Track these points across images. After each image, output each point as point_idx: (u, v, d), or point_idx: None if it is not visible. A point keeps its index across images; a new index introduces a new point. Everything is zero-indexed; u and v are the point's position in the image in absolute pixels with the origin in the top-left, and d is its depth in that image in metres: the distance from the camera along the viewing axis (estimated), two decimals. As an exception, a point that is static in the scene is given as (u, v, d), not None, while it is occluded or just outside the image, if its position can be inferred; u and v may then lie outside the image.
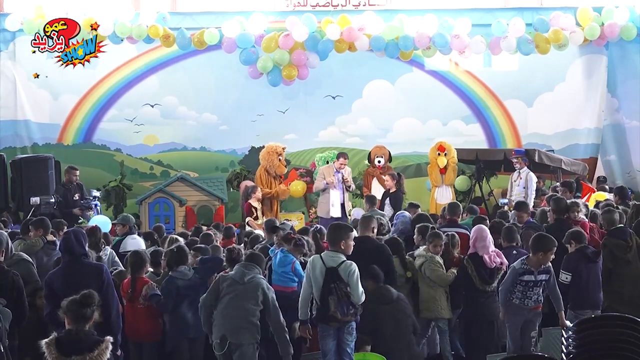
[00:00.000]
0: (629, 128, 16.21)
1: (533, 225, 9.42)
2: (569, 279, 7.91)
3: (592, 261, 8.12)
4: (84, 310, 5.24)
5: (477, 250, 7.95)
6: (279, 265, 7.67)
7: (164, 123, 16.51)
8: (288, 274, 7.65)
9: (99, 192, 14.67)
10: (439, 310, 8.09)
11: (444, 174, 14.24)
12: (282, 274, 7.60)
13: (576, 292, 7.89)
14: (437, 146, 14.39)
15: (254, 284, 6.83)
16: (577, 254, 8.09)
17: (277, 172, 14.18)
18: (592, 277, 8.10)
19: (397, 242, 8.32)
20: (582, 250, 8.12)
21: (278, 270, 7.63)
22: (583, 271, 8.03)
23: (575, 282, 7.93)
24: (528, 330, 7.38)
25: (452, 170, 14.32)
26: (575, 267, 7.98)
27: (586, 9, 15.18)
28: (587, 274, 8.06)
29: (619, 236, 8.43)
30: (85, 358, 4.99)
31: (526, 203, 10.29)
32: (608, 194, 12.54)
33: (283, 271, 7.66)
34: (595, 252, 8.20)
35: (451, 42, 14.74)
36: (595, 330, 6.25)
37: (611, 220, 8.65)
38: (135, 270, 7.55)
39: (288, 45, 14.74)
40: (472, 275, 7.89)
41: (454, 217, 9.76)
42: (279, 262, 7.66)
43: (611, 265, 8.33)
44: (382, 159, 14.48)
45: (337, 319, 6.57)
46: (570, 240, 8.07)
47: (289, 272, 7.65)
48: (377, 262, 7.59)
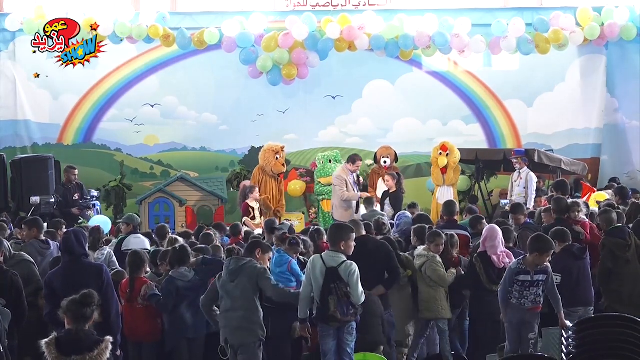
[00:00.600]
0: (629, 128, 16.20)
1: (530, 226, 9.41)
2: (559, 280, 7.89)
3: (579, 258, 8.12)
4: (83, 310, 5.24)
5: (487, 250, 7.96)
6: (276, 265, 7.67)
7: (164, 123, 16.51)
8: (285, 273, 7.65)
9: (98, 192, 14.68)
10: (440, 311, 8.08)
11: (445, 174, 14.21)
12: (279, 274, 7.60)
13: (567, 290, 7.87)
14: (440, 145, 14.31)
15: (248, 271, 6.78)
16: (564, 253, 8.09)
17: (274, 171, 14.16)
18: (581, 274, 8.10)
19: (391, 242, 8.31)
20: (568, 248, 8.13)
21: (275, 270, 7.63)
22: (573, 269, 8.02)
23: (566, 281, 7.90)
24: (526, 332, 7.35)
25: (453, 171, 14.23)
26: (563, 267, 7.96)
27: (586, 9, 15.18)
28: (577, 272, 8.06)
29: (617, 235, 8.42)
30: (85, 358, 4.99)
31: (522, 205, 10.25)
32: (608, 194, 12.51)
33: (280, 271, 7.66)
34: (581, 248, 8.20)
35: (451, 41, 14.75)
36: (595, 330, 6.25)
37: (609, 220, 8.65)
38: (133, 270, 7.55)
39: (288, 44, 14.74)
40: (480, 273, 7.92)
41: (451, 217, 9.76)
42: (275, 262, 7.67)
43: (611, 265, 8.33)
44: (387, 160, 14.49)
45: (337, 319, 6.57)
46: (555, 239, 8.05)
47: (285, 272, 7.65)
48: (379, 261, 7.58)
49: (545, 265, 7.38)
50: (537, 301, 7.41)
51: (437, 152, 14.31)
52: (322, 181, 14.42)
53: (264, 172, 14.20)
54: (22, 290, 7.15)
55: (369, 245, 7.62)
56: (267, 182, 14.13)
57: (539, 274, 7.38)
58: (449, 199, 10.88)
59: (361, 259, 7.28)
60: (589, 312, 8.01)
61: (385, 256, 7.70)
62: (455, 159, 14.24)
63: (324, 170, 14.50)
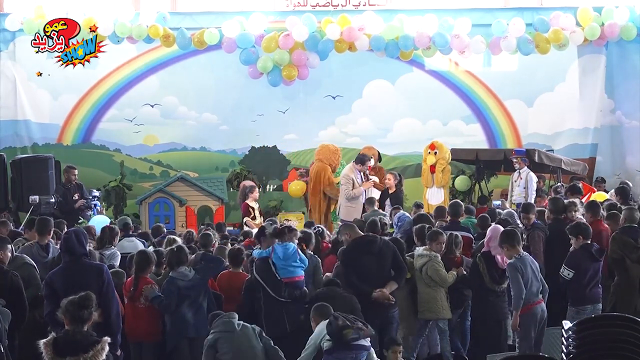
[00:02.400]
0: (629, 128, 16.19)
1: (539, 226, 9.35)
2: (571, 276, 7.89)
3: (596, 260, 8.10)
4: (81, 312, 5.26)
5: (491, 250, 7.95)
6: (284, 258, 7.61)
7: (164, 123, 16.51)
8: (295, 262, 7.65)
9: (99, 192, 14.67)
10: (440, 311, 8.07)
11: (434, 174, 13.99)
12: (288, 264, 7.58)
13: (577, 288, 7.88)
14: (429, 144, 14.21)
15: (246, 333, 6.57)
16: (582, 251, 8.06)
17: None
18: (594, 274, 8.10)
19: (398, 242, 8.30)
20: (587, 247, 8.09)
21: (282, 263, 7.59)
22: (588, 269, 8.01)
23: (578, 279, 7.91)
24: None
25: (441, 171, 13.94)
26: (579, 265, 7.95)
27: (586, 9, 15.18)
28: (592, 272, 8.05)
29: (630, 235, 8.38)
30: (80, 359, 5.00)
31: (532, 205, 10.20)
32: (609, 195, 12.50)
33: (289, 262, 7.63)
34: (599, 250, 8.17)
35: (451, 42, 14.75)
36: (595, 330, 6.24)
37: (631, 218, 8.67)
38: (139, 269, 7.52)
39: (288, 45, 14.74)
40: (483, 273, 7.90)
41: (456, 217, 9.74)
42: (283, 256, 7.60)
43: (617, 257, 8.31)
44: (371, 159, 14.43)
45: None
46: (578, 235, 8.03)
47: (296, 261, 7.64)
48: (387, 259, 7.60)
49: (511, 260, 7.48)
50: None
51: (426, 151, 14.22)
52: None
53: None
54: (23, 291, 7.14)
55: (377, 244, 7.65)
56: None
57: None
58: (455, 200, 10.82)
59: (370, 257, 7.34)
60: (597, 310, 7.99)
61: (392, 254, 7.72)
62: (443, 159, 13.96)
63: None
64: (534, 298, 7.50)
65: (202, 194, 14.47)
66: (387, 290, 7.50)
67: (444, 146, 14.20)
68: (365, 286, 7.49)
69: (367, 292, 7.46)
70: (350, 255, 7.71)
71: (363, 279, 7.53)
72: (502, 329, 8.03)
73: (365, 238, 7.74)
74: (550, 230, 9.09)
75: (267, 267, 7.54)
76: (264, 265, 7.56)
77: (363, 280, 7.53)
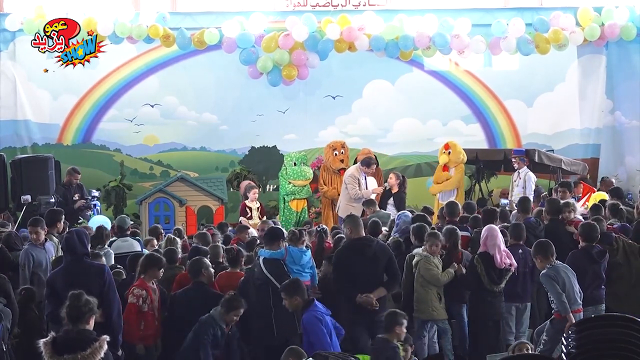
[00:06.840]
0: (629, 128, 16.19)
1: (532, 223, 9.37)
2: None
3: (596, 262, 8.10)
4: (80, 311, 5.28)
5: (488, 249, 7.93)
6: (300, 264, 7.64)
7: (164, 123, 16.50)
8: (309, 268, 7.66)
9: (99, 192, 14.67)
10: (430, 312, 8.05)
11: (446, 173, 14.01)
12: (303, 270, 7.64)
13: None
14: (444, 144, 14.06)
15: None
16: (583, 253, 8.07)
17: (332, 167, 14.18)
18: (595, 276, 8.10)
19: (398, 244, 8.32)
20: (588, 249, 8.09)
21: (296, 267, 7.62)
22: (587, 270, 8.02)
23: (579, 281, 7.92)
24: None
25: (456, 170, 13.82)
26: (578, 266, 7.93)
27: (586, 9, 15.17)
28: (592, 274, 8.05)
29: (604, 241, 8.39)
30: (77, 357, 5.01)
31: (529, 200, 10.23)
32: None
33: (305, 267, 7.67)
34: (600, 252, 8.17)
35: (451, 42, 14.75)
36: (595, 330, 6.24)
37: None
38: (142, 271, 7.48)
39: (288, 45, 14.74)
40: (481, 274, 7.88)
41: (453, 217, 9.74)
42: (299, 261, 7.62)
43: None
44: (377, 163, 14.44)
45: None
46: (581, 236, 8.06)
47: (310, 267, 7.66)
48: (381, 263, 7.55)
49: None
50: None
51: (441, 150, 14.17)
52: (296, 183, 14.31)
53: (326, 169, 14.22)
54: (12, 292, 7.13)
55: (372, 248, 7.55)
56: (331, 178, 14.14)
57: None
58: (451, 200, 10.83)
59: (363, 260, 7.29)
60: (600, 311, 7.99)
61: (388, 259, 7.62)
62: (458, 159, 13.81)
63: (288, 172, 14.38)
64: (574, 306, 7.42)
65: (202, 194, 14.47)
66: (375, 295, 7.34)
67: (458, 146, 13.94)
68: (351, 288, 7.37)
69: (352, 295, 7.33)
70: (343, 256, 7.61)
71: (353, 281, 7.40)
72: (499, 329, 8.04)
73: (361, 241, 7.58)
74: (546, 231, 9.08)
75: (280, 268, 7.53)
76: (276, 266, 7.54)
77: (353, 283, 7.40)
